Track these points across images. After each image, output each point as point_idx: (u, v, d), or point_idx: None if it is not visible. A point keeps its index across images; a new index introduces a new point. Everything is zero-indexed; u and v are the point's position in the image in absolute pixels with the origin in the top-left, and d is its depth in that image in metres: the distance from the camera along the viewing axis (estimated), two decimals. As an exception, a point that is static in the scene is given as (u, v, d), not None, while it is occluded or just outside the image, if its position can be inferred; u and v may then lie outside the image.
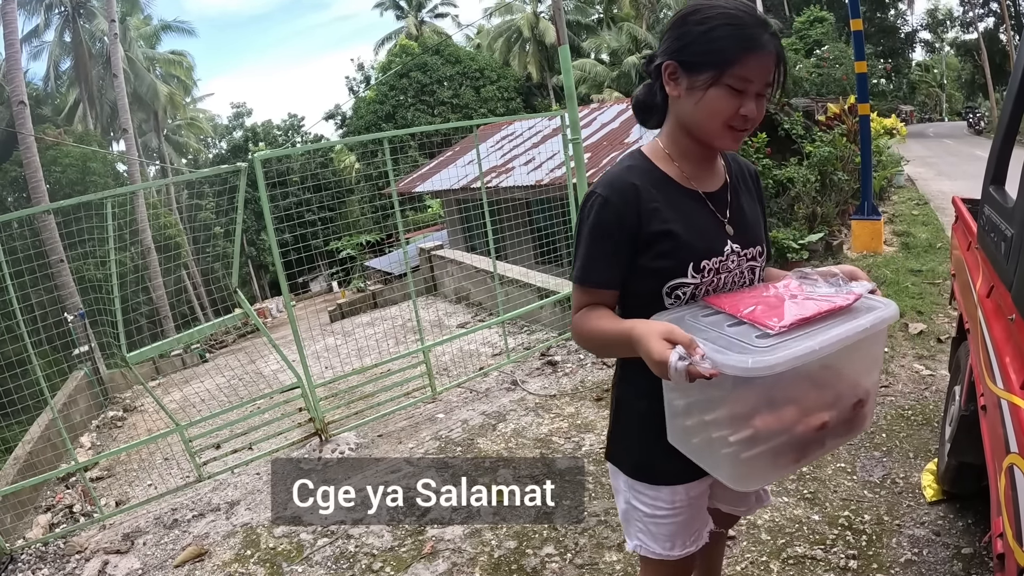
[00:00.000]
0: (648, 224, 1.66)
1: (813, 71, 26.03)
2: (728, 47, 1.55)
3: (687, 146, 1.74)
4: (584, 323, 1.74)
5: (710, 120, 1.62)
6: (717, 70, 1.56)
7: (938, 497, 3.56)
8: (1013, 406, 1.85)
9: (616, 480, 1.99)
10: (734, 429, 1.51)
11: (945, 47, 55.15)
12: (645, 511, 1.88)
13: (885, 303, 1.57)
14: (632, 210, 1.66)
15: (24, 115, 17.71)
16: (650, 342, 1.42)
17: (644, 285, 1.72)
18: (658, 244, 1.67)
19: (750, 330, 1.47)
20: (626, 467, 1.92)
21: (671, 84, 1.66)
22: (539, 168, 12.60)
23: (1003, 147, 2.85)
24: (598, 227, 1.68)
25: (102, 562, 4.49)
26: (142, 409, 9.68)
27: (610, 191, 1.68)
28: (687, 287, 1.70)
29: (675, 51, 1.63)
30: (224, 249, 31.17)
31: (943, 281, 7.45)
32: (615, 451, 1.99)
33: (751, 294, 1.65)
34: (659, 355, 1.39)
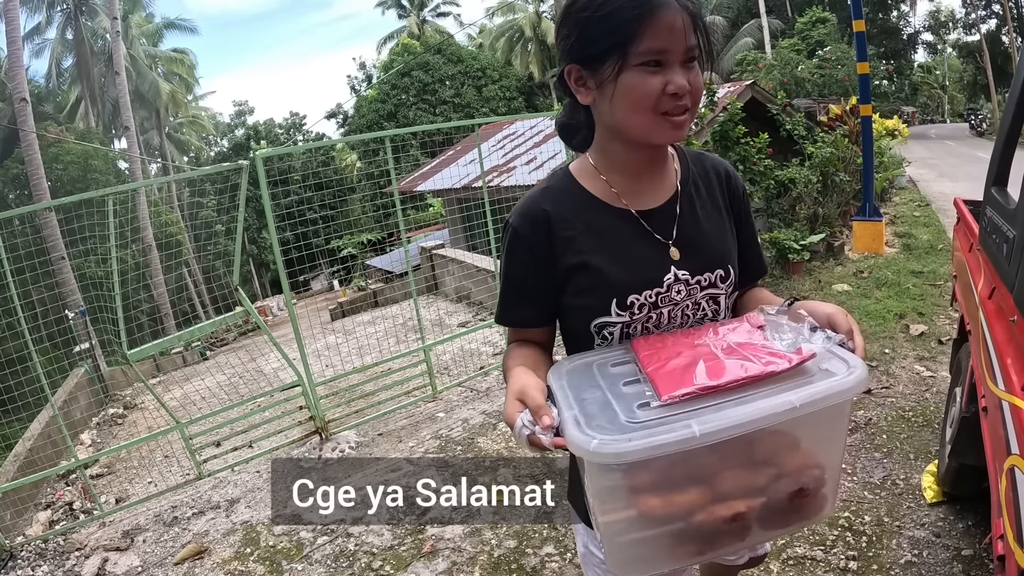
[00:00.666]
0: (562, 256, 1.45)
1: (815, 72, 26.05)
2: (622, 21, 1.27)
3: (619, 155, 1.48)
4: (504, 360, 1.54)
5: (635, 112, 1.32)
6: (619, 52, 1.28)
7: (938, 499, 3.55)
8: (1014, 407, 1.85)
9: (574, 521, 1.79)
10: (604, 507, 1.25)
11: (947, 49, 55.12)
12: (601, 558, 1.65)
13: (852, 366, 1.19)
14: (543, 241, 1.45)
15: (26, 112, 17.71)
16: (506, 399, 1.25)
17: (572, 322, 1.52)
18: (576, 278, 1.45)
19: (641, 393, 1.22)
20: (581, 513, 1.69)
21: (580, 91, 1.41)
22: (541, 168, 12.59)
23: (1005, 149, 2.85)
24: (510, 262, 1.50)
25: (102, 559, 4.49)
26: (142, 407, 9.68)
27: (520, 221, 1.47)
28: (613, 326, 1.46)
29: (569, 52, 1.38)
30: (225, 247, 31.20)
31: (944, 283, 7.44)
32: (571, 492, 1.79)
33: (685, 340, 1.35)
34: (506, 417, 1.21)
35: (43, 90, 35.90)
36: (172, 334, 6.85)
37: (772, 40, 36.39)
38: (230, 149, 50.46)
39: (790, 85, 23.84)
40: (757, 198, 9.34)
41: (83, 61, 34.75)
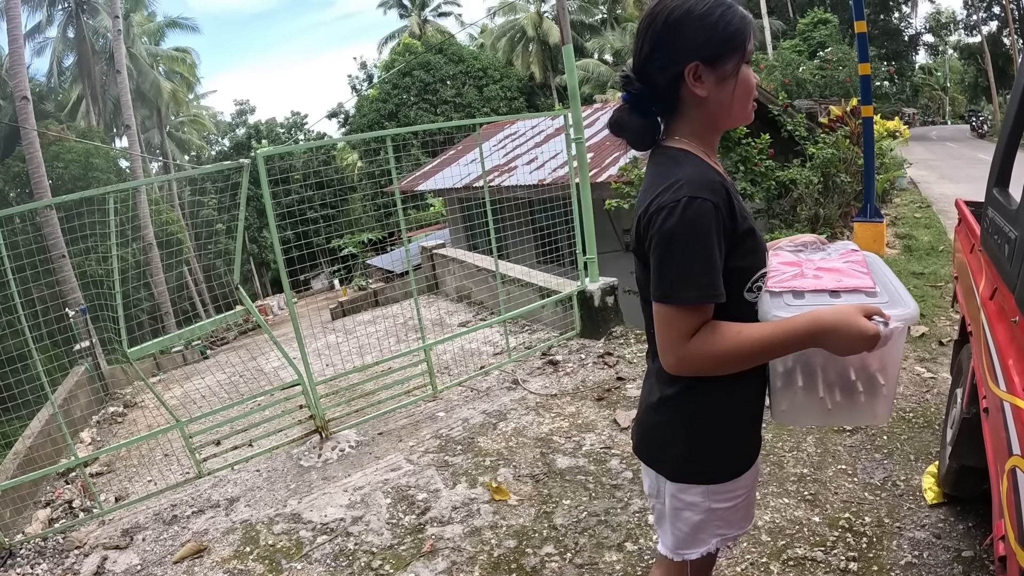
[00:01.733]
0: (740, 224, 1.61)
1: (816, 73, 26.06)
2: (739, 28, 1.60)
3: (712, 140, 1.75)
4: (722, 343, 1.55)
5: (747, 98, 1.67)
6: (740, 51, 1.61)
7: (939, 500, 3.55)
8: (1016, 408, 1.84)
9: (688, 496, 1.82)
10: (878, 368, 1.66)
11: (948, 50, 55.17)
12: (728, 506, 1.82)
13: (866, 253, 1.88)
14: (729, 213, 1.58)
15: (27, 111, 17.73)
16: (858, 321, 1.45)
17: (735, 285, 1.63)
18: (746, 242, 1.63)
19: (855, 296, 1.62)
20: (719, 476, 1.80)
21: (697, 85, 1.61)
22: (542, 168, 12.61)
23: (1007, 150, 2.84)
24: (707, 236, 1.53)
25: (101, 557, 4.49)
26: (142, 405, 9.67)
27: (713, 194, 1.54)
28: (764, 277, 1.71)
29: (695, 51, 1.59)
30: (226, 246, 31.26)
31: (945, 284, 7.44)
32: (688, 468, 1.82)
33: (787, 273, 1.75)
34: (873, 329, 1.43)
35: (44, 88, 35.98)
36: (172, 332, 6.84)
37: (774, 41, 36.48)
38: (231, 148, 50.56)
39: (791, 86, 23.85)
40: (758, 199, 9.35)
41: (84, 60, 34.81)
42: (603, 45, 43.72)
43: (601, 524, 3.84)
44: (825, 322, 1.47)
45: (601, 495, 4.15)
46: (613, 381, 5.99)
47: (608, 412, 5.38)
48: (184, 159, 44.73)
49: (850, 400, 1.71)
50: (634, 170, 9.39)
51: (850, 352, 1.48)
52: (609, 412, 5.36)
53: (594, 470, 4.48)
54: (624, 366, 6.31)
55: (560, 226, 7.62)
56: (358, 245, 27.01)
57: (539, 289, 7.89)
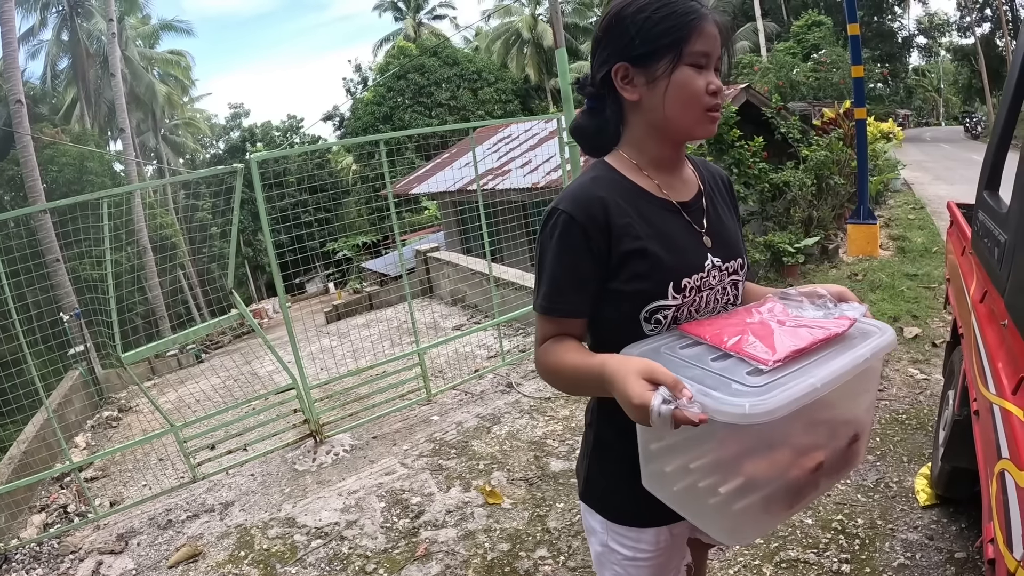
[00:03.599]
0: (620, 242, 1.49)
1: (810, 75, 26.07)
2: (677, 24, 1.43)
3: (656, 152, 1.59)
4: (549, 357, 1.54)
5: (687, 106, 1.47)
6: (674, 50, 1.44)
7: (932, 501, 3.56)
8: (1004, 411, 1.85)
9: (590, 520, 1.77)
10: (722, 478, 1.33)
11: (942, 52, 55.28)
12: (626, 554, 1.69)
13: (880, 328, 1.40)
14: (600, 227, 1.48)
15: (21, 114, 17.68)
16: (627, 382, 1.22)
17: (617, 311, 1.53)
18: (632, 264, 1.49)
19: (737, 365, 1.30)
20: (606, 511, 1.71)
21: (627, 88, 1.52)
22: (535, 171, 12.58)
23: (997, 152, 2.85)
24: (563, 249, 1.49)
25: (96, 562, 4.49)
26: (137, 409, 9.66)
27: (575, 207, 1.49)
28: (668, 310, 1.51)
29: (620, 51, 1.50)
30: (221, 249, 31.19)
31: (938, 285, 7.46)
32: (591, 492, 1.76)
33: (733, 320, 1.47)
34: (639, 398, 1.18)
35: (39, 91, 35.85)
36: (167, 336, 6.83)
37: (768, 43, 36.47)
38: (226, 151, 50.48)
39: (785, 88, 23.86)
40: (752, 201, 9.37)
41: (79, 63, 34.72)
42: (597, 48, 43.75)
43: (595, 527, 3.84)
44: (606, 371, 1.31)
45: (595, 498, 4.15)
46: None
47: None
48: (179, 162, 44.66)
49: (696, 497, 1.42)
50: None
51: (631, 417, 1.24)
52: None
53: (588, 473, 4.48)
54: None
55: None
56: (353, 248, 26.98)
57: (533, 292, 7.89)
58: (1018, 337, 1.91)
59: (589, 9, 45.42)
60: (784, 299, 1.54)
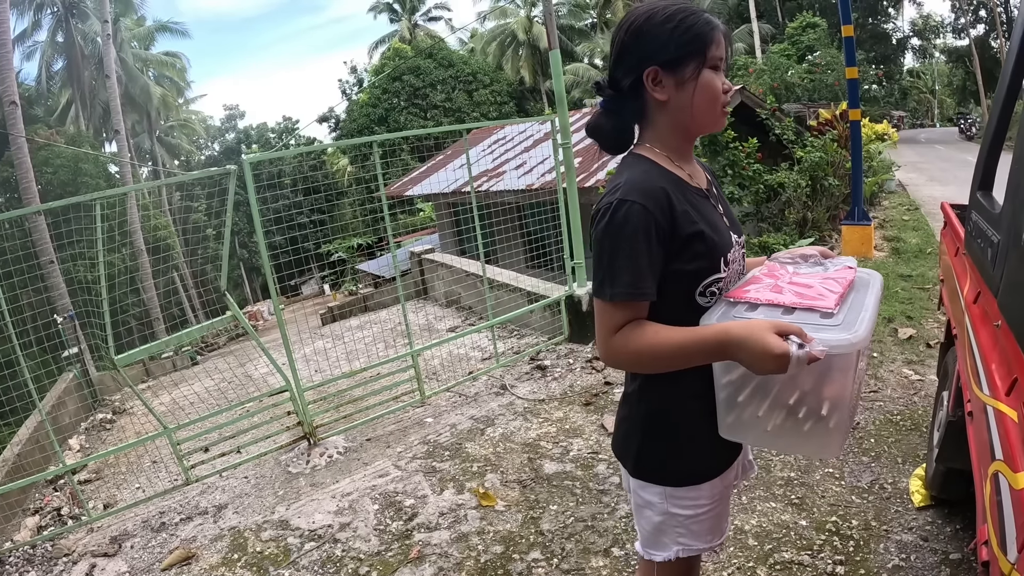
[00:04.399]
0: (682, 227, 1.64)
1: (805, 77, 26.13)
2: (701, 32, 1.63)
3: (680, 144, 1.78)
4: (639, 340, 1.61)
5: (711, 105, 1.69)
6: (701, 56, 1.64)
7: (926, 502, 3.56)
8: (998, 413, 1.85)
9: (647, 495, 1.87)
10: (818, 403, 1.57)
11: (936, 53, 55.45)
12: (688, 514, 1.83)
13: (871, 274, 1.80)
14: (666, 215, 1.62)
15: (16, 115, 17.64)
16: (765, 338, 1.41)
17: (675, 288, 1.68)
18: (692, 246, 1.65)
19: (807, 315, 1.55)
20: (672, 478, 1.83)
21: (658, 89, 1.68)
22: (530, 172, 12.60)
23: (990, 153, 2.85)
24: (639, 236, 1.59)
25: (89, 565, 4.47)
26: (131, 412, 9.64)
27: (644, 197, 1.60)
28: (720, 282, 1.71)
29: (651, 56, 1.66)
30: (215, 251, 31.13)
31: (933, 286, 7.47)
32: (648, 465, 1.86)
33: (764, 283, 1.72)
34: (780, 348, 1.38)
35: (33, 93, 35.81)
36: (161, 338, 6.82)
37: (763, 45, 36.55)
38: (221, 153, 50.48)
39: (780, 90, 23.89)
40: (747, 202, 9.39)
41: (74, 64, 34.72)
42: (593, 49, 43.84)
43: (588, 529, 3.84)
44: (732, 336, 1.47)
45: (588, 500, 4.15)
46: (601, 386, 5.99)
47: (595, 417, 5.37)
48: (174, 164, 44.63)
49: (794, 428, 1.65)
50: (623, 174, 9.38)
51: (763, 370, 1.45)
52: (596, 417, 5.36)
53: (581, 475, 4.47)
54: (612, 371, 6.31)
55: (548, 231, 7.62)
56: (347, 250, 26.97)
57: (527, 294, 7.89)
58: (1012, 338, 1.90)
59: (584, 11, 45.51)
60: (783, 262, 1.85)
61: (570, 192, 7.02)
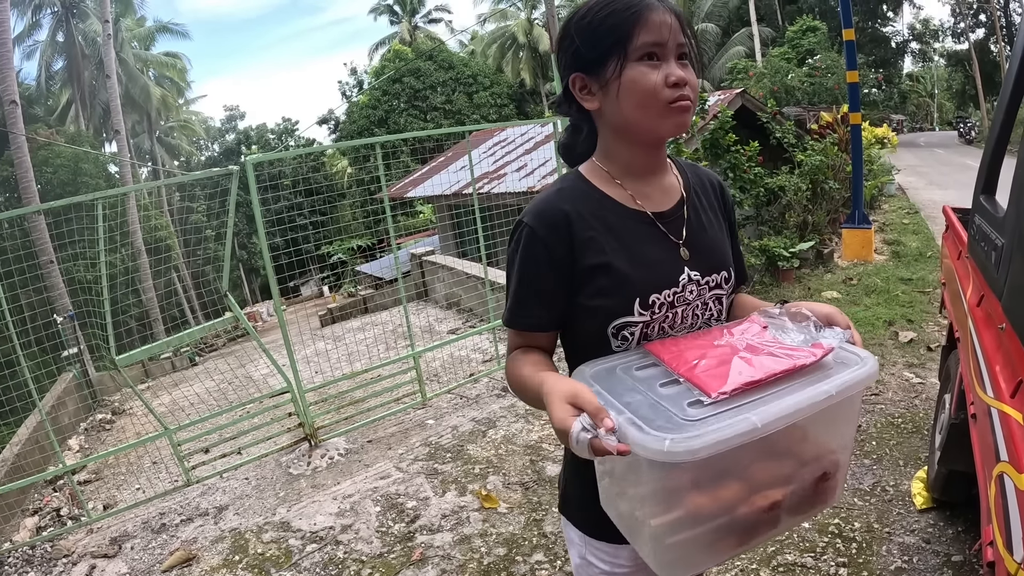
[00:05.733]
0: (583, 256, 1.45)
1: (805, 80, 26.15)
2: (617, 21, 1.37)
3: (628, 159, 1.53)
4: (510, 368, 1.53)
5: (644, 103, 1.39)
6: (619, 50, 1.38)
7: (928, 505, 3.56)
8: (1003, 415, 1.85)
9: (569, 532, 1.73)
10: (657, 509, 1.25)
11: (935, 57, 55.49)
12: (604, 568, 1.64)
13: (863, 357, 1.28)
14: (563, 241, 1.45)
15: (16, 115, 17.60)
16: (553, 405, 1.20)
17: (586, 325, 1.49)
18: (596, 279, 1.45)
19: (684, 393, 1.22)
20: (580, 524, 1.67)
21: (586, 98, 1.48)
22: (531, 175, 12.58)
23: (993, 157, 2.86)
24: (525, 263, 1.48)
25: (89, 566, 4.47)
26: (131, 412, 9.63)
27: (537, 220, 1.46)
28: (635, 327, 1.47)
29: (572, 64, 1.47)
30: (215, 252, 31.13)
31: (933, 290, 7.48)
32: (568, 505, 1.72)
33: (700, 342, 1.39)
34: (559, 422, 1.16)
35: (33, 92, 35.79)
36: (161, 339, 6.82)
37: (763, 48, 36.55)
38: (221, 154, 50.45)
39: (780, 93, 23.94)
40: (747, 206, 9.38)
41: (74, 64, 34.69)
42: (593, 52, 43.81)
43: (591, 531, 3.83)
44: (543, 389, 1.28)
45: (591, 502, 4.14)
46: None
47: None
48: (174, 165, 44.61)
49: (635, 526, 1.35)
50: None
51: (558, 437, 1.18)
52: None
53: (584, 477, 4.47)
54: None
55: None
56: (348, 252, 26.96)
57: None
58: (1016, 341, 1.91)
59: (585, 13, 45.46)
60: (767, 318, 1.44)
61: (571, 194, 7.01)
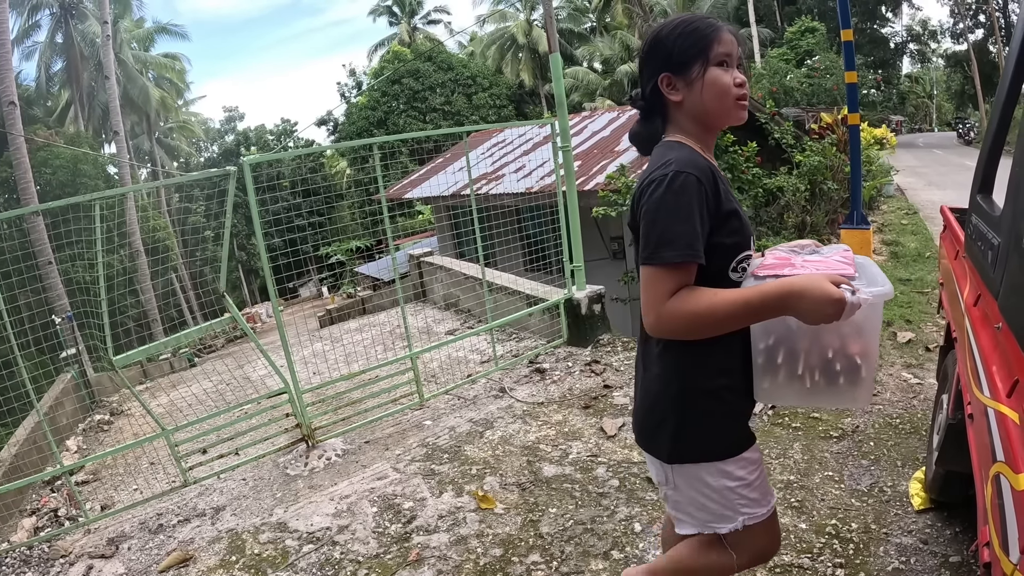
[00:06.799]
0: (724, 204, 1.80)
1: (804, 81, 26.16)
2: (701, 36, 1.82)
3: (700, 139, 1.91)
4: (697, 302, 1.70)
5: (721, 98, 1.84)
6: (703, 56, 1.81)
7: (926, 505, 3.56)
8: (1000, 415, 1.85)
9: (700, 476, 1.97)
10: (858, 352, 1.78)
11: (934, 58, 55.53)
12: (745, 480, 1.95)
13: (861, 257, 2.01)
14: (713, 190, 1.77)
15: (14, 116, 17.62)
16: (825, 286, 1.59)
17: (718, 261, 1.81)
18: (730, 222, 1.82)
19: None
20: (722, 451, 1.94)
21: (672, 92, 1.88)
22: (529, 176, 12.59)
23: (990, 156, 2.86)
24: (694, 204, 1.73)
25: (87, 566, 4.46)
26: (129, 413, 9.62)
27: (697, 170, 1.75)
28: (749, 259, 1.89)
29: (663, 65, 1.88)
30: (214, 253, 31.13)
31: (931, 290, 7.48)
32: (697, 445, 1.95)
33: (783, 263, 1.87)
34: (838, 293, 1.58)
35: (32, 93, 35.81)
36: (159, 340, 6.81)
37: (762, 49, 36.61)
38: (220, 155, 50.49)
39: (779, 94, 23.97)
40: (746, 206, 9.38)
41: (73, 65, 34.73)
42: (592, 53, 43.85)
43: (587, 532, 3.83)
44: (794, 286, 1.63)
45: (587, 503, 4.14)
46: (600, 389, 5.99)
47: (595, 420, 5.37)
48: (173, 166, 44.62)
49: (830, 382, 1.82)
50: (621, 178, 9.39)
51: (820, 319, 1.61)
52: (596, 420, 5.36)
53: (580, 478, 4.47)
54: (611, 374, 6.31)
55: (547, 234, 7.62)
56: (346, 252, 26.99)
57: (526, 297, 7.88)
58: (1012, 340, 1.90)
59: (583, 15, 45.57)
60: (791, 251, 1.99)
61: (569, 195, 7.02)
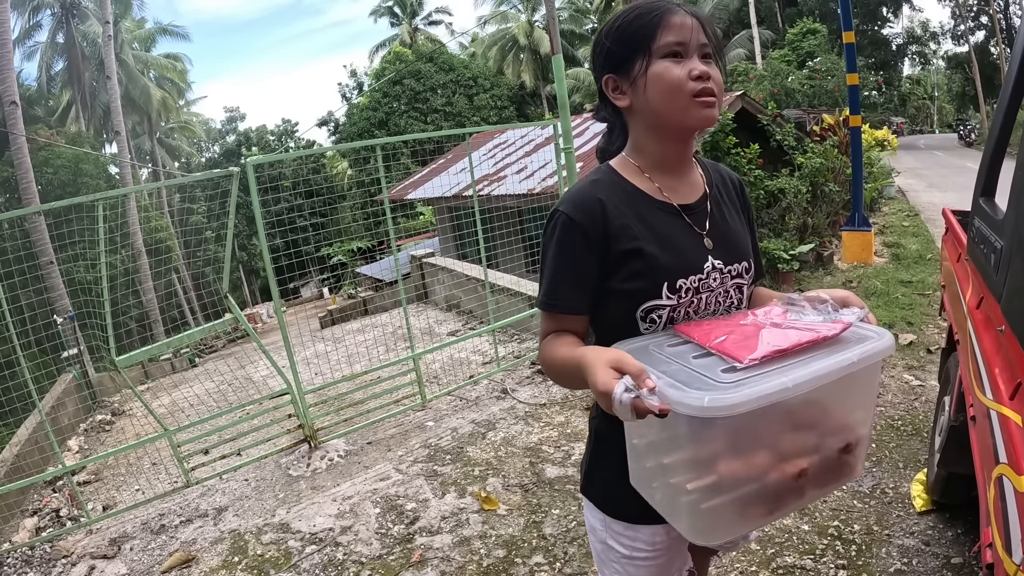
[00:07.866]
0: (617, 242, 1.54)
1: (805, 83, 26.15)
2: (641, 26, 1.51)
3: (658, 152, 1.63)
4: (546, 351, 1.61)
5: (670, 96, 1.49)
6: (644, 48, 1.50)
7: (928, 507, 3.56)
8: (1002, 417, 1.85)
9: (591, 517, 1.82)
10: (693, 475, 1.32)
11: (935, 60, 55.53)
12: (623, 552, 1.73)
13: (879, 333, 1.35)
14: (598, 228, 1.54)
15: (16, 115, 17.60)
16: (596, 370, 1.26)
17: (615, 309, 1.58)
18: (629, 264, 1.55)
19: (717, 363, 1.30)
20: (602, 504, 1.76)
21: (618, 97, 1.61)
22: (531, 177, 12.59)
23: (993, 159, 2.86)
24: (562, 248, 1.57)
25: (89, 567, 4.46)
26: (131, 413, 9.62)
27: (574, 208, 1.56)
28: (662, 309, 1.55)
29: (603, 66, 1.61)
30: (215, 253, 31.15)
31: (933, 292, 7.48)
32: (590, 486, 1.81)
33: (726, 322, 1.48)
34: (603, 385, 1.22)
35: (34, 93, 35.79)
36: (161, 340, 6.81)
37: (763, 51, 36.60)
38: (221, 155, 50.48)
39: (780, 96, 23.94)
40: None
41: (74, 65, 34.70)
42: (593, 54, 43.84)
43: (590, 533, 3.83)
44: (583, 360, 1.34)
45: (591, 504, 4.14)
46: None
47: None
48: (174, 166, 44.62)
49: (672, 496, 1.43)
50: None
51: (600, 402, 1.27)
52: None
53: (584, 479, 4.47)
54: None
55: (549, 235, 7.61)
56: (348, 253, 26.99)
57: (528, 298, 7.89)
58: (1015, 343, 1.91)
59: (585, 16, 45.55)
60: (788, 304, 1.50)
61: (571, 196, 7.01)
